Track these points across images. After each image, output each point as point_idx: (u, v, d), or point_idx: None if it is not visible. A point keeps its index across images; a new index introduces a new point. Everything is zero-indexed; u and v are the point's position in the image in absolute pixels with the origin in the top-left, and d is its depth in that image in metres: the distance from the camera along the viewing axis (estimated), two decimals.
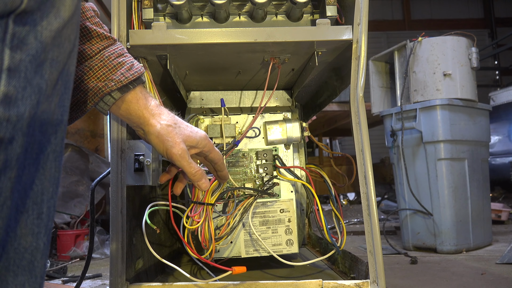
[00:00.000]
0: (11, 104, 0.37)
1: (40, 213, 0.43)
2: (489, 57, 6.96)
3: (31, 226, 0.42)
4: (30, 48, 0.39)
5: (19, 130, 0.38)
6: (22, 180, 0.40)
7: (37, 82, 0.40)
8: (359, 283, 0.87)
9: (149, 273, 1.04)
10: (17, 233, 0.40)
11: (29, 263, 0.42)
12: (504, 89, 4.12)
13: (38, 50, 0.40)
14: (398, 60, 2.16)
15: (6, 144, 0.37)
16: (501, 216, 2.75)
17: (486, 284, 1.32)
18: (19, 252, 0.41)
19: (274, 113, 1.13)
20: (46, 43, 0.41)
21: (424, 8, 7.89)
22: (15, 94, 0.38)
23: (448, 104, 1.92)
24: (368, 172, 0.89)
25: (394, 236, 2.44)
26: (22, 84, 0.38)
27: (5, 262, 0.40)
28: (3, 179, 0.38)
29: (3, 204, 0.38)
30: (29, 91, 0.39)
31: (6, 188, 0.38)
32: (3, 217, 0.38)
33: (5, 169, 0.38)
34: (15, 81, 0.38)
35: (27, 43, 0.39)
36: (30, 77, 0.39)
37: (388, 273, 1.50)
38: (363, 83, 0.91)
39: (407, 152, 2.04)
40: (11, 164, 0.38)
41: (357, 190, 4.20)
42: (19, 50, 0.38)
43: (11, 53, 0.38)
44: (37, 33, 0.40)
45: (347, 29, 0.92)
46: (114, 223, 0.85)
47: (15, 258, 0.40)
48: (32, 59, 0.39)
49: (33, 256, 0.42)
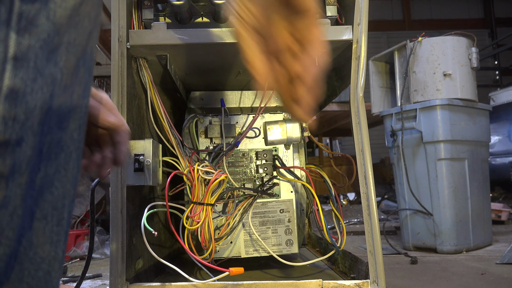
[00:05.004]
0: (18, 99, 0.31)
1: (61, 219, 0.37)
2: (489, 57, 6.96)
3: (50, 234, 0.36)
4: (41, 31, 0.33)
5: (29, 129, 0.33)
6: (37, 184, 0.35)
7: (50, 72, 0.33)
8: (359, 283, 0.87)
9: (149, 273, 1.04)
10: (32, 242, 0.35)
11: (46, 274, 0.37)
12: (504, 89, 4.12)
13: (51, 33, 0.33)
14: (398, 60, 2.16)
15: (14, 147, 0.32)
16: (501, 216, 2.75)
17: (486, 284, 1.32)
18: (35, 263, 0.36)
19: (274, 113, 1.13)
20: (60, 24, 0.34)
21: (424, 8, 7.89)
22: (23, 87, 0.32)
23: (448, 104, 1.92)
24: (368, 172, 0.89)
25: (394, 236, 2.44)
26: (32, 75, 0.32)
27: (19, 274, 0.34)
28: (11, 186, 0.32)
29: (13, 213, 0.33)
30: (40, 83, 0.33)
31: (15, 196, 0.33)
32: (14, 227, 0.33)
33: (13, 175, 0.32)
34: (22, 72, 0.32)
35: (37, 25, 0.32)
36: (41, 66, 0.33)
37: (388, 273, 1.50)
38: (363, 83, 0.91)
39: (407, 152, 2.04)
40: (20, 169, 0.33)
41: (357, 190, 4.20)
42: (27, 34, 0.32)
43: (17, 38, 0.31)
44: (49, 12, 0.33)
45: (347, 29, 0.92)
46: (114, 223, 0.85)
47: (30, 269, 0.35)
48: (43, 45, 0.33)
49: (51, 267, 0.37)
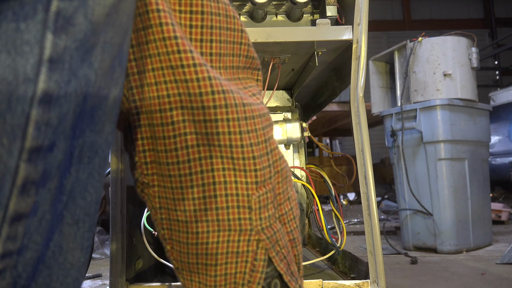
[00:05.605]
0: (51, 103, 0.29)
1: (92, 225, 0.36)
2: (489, 57, 6.96)
3: (81, 240, 0.35)
4: (78, 31, 0.30)
5: (61, 133, 0.31)
6: (67, 189, 0.33)
7: (84, 73, 0.31)
8: (359, 283, 0.87)
9: (149, 273, 1.04)
10: (62, 247, 0.34)
11: (75, 280, 0.35)
12: (504, 89, 4.12)
13: (87, 33, 0.31)
14: (398, 60, 2.16)
15: (45, 152, 0.30)
16: (501, 216, 2.75)
17: (486, 284, 1.32)
18: (65, 269, 0.35)
19: (274, 113, 1.13)
20: (98, 23, 0.31)
21: (424, 8, 7.89)
22: (57, 90, 0.30)
23: (448, 104, 1.92)
24: (368, 172, 0.89)
25: (394, 236, 2.44)
26: (66, 78, 0.30)
27: (46, 279, 0.33)
28: (42, 192, 0.31)
29: (41, 218, 0.32)
30: (74, 85, 0.31)
31: (44, 201, 0.31)
32: (42, 232, 0.32)
33: (44, 180, 0.31)
34: (57, 74, 0.29)
35: (74, 24, 0.30)
36: (76, 67, 0.31)
37: (388, 273, 1.50)
38: (363, 83, 0.91)
39: (407, 152, 2.04)
40: (50, 174, 0.31)
41: (357, 190, 4.20)
42: (63, 34, 0.29)
43: (54, 39, 0.29)
44: (87, 10, 0.30)
45: (347, 29, 0.92)
46: (114, 223, 0.85)
47: (59, 275, 0.34)
48: (79, 45, 0.31)
49: (80, 273, 0.36)
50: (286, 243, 0.48)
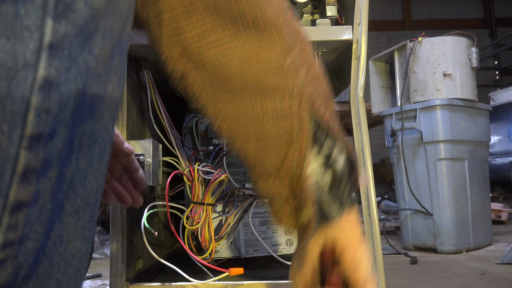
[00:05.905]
0: (52, 90, 0.29)
1: (93, 215, 0.36)
2: (489, 57, 6.96)
3: (82, 230, 0.35)
4: (78, 17, 0.30)
5: (61, 121, 0.30)
6: (67, 178, 0.33)
7: (85, 60, 0.31)
8: None
9: (149, 273, 1.04)
10: (63, 237, 0.34)
11: (76, 271, 0.35)
12: (504, 89, 4.12)
13: (88, 19, 0.31)
14: (398, 60, 2.16)
15: (46, 140, 0.30)
16: (501, 216, 2.75)
17: (486, 284, 1.32)
18: (66, 259, 0.34)
19: None
20: (98, 10, 0.31)
21: (424, 8, 7.89)
22: (57, 77, 0.29)
23: (448, 104, 1.92)
24: (368, 172, 0.89)
25: (394, 236, 2.44)
26: (66, 64, 0.30)
27: (48, 269, 0.33)
28: (42, 180, 0.31)
29: (42, 208, 0.31)
30: (74, 72, 0.30)
31: (45, 190, 0.31)
32: (43, 222, 0.32)
33: (44, 169, 0.30)
34: (57, 61, 0.29)
35: (74, 10, 0.30)
36: (76, 53, 0.30)
37: (388, 273, 1.50)
38: (363, 83, 0.91)
39: (407, 152, 2.04)
40: (51, 163, 0.31)
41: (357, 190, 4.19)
42: (64, 20, 0.29)
43: (54, 25, 0.29)
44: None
45: (347, 29, 0.92)
46: (114, 223, 0.85)
47: (60, 265, 0.34)
48: (79, 32, 0.30)
49: (81, 264, 0.35)
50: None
